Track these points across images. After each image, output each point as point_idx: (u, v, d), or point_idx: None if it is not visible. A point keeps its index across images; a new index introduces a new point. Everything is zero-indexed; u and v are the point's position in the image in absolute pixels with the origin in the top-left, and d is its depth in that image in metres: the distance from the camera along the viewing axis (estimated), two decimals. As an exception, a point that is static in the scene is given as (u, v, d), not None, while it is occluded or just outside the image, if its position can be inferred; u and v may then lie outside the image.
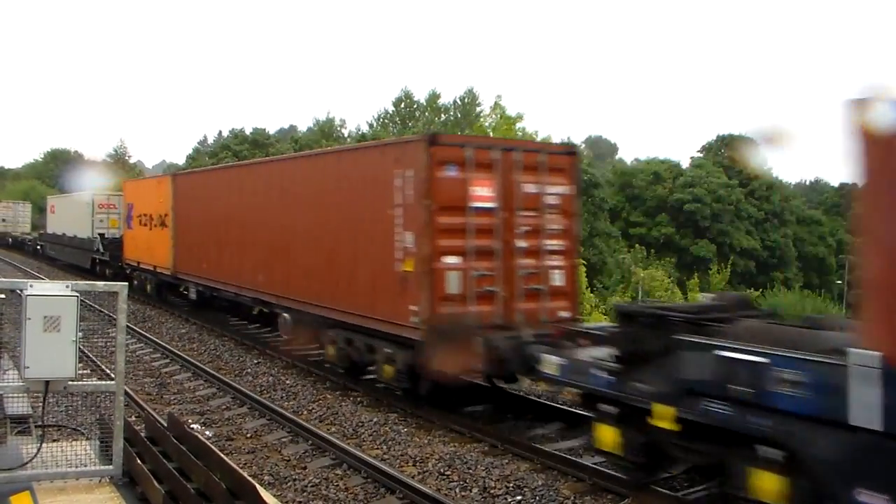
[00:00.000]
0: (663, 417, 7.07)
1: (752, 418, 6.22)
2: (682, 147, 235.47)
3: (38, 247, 44.08)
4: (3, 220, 55.53)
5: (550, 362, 8.65)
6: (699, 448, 7.01)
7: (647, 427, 7.28)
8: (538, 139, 25.96)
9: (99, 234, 29.21)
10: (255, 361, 15.16)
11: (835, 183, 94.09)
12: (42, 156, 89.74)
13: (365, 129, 72.67)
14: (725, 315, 7.37)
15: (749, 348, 6.29)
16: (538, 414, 11.16)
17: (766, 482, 6.23)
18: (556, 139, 58.10)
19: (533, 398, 11.91)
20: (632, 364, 7.49)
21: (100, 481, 5.54)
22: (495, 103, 26.82)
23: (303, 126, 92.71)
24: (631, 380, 7.44)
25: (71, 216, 33.34)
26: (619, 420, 7.76)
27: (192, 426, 9.82)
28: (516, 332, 10.42)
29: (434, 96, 75.63)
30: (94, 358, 14.50)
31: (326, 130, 75.37)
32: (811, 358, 5.85)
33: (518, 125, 27.89)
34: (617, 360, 7.71)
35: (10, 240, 53.45)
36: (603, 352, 8.18)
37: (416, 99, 76.03)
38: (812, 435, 5.82)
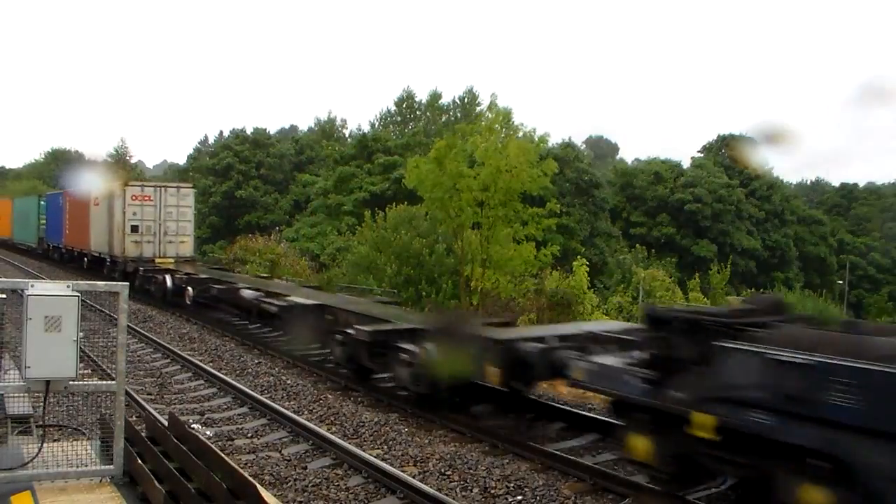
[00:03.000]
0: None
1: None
2: (682, 147, 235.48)
3: None
4: (134, 230, 25.62)
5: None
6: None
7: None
8: (537, 137, 25.98)
9: None
10: (256, 361, 15.17)
11: (835, 183, 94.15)
12: (43, 156, 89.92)
13: (367, 128, 72.70)
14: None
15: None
16: (540, 414, 11.16)
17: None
18: (556, 139, 58.20)
19: (534, 398, 11.91)
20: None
21: (100, 481, 5.55)
22: (491, 102, 26.65)
23: (304, 126, 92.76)
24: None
25: None
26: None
27: (192, 426, 9.83)
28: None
29: (435, 96, 75.61)
30: (95, 358, 14.51)
31: (327, 130, 75.40)
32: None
33: (516, 122, 27.81)
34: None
35: (170, 281, 22.26)
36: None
37: (417, 99, 76.07)
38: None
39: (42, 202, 39.73)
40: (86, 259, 30.41)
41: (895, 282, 77.39)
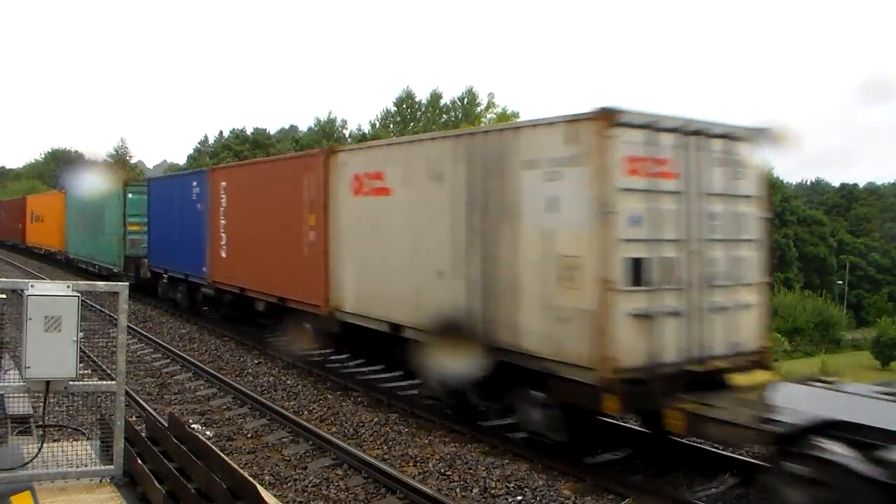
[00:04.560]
0: None
1: None
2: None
3: None
4: (636, 274, 7.65)
5: None
6: None
7: None
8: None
9: None
10: (256, 362, 15.16)
11: (835, 183, 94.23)
12: (43, 156, 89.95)
13: (367, 128, 72.75)
14: None
15: None
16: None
17: None
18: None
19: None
20: None
21: (100, 481, 5.54)
22: (489, 102, 26.76)
23: (304, 126, 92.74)
24: None
25: None
26: None
27: (192, 426, 9.82)
28: None
29: (436, 96, 75.71)
30: (95, 358, 14.51)
31: (328, 130, 75.45)
32: None
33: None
34: None
35: None
36: None
37: (417, 99, 76.14)
38: None
39: (131, 195, 22.69)
40: (316, 329, 13.39)
41: (895, 282, 77.46)
